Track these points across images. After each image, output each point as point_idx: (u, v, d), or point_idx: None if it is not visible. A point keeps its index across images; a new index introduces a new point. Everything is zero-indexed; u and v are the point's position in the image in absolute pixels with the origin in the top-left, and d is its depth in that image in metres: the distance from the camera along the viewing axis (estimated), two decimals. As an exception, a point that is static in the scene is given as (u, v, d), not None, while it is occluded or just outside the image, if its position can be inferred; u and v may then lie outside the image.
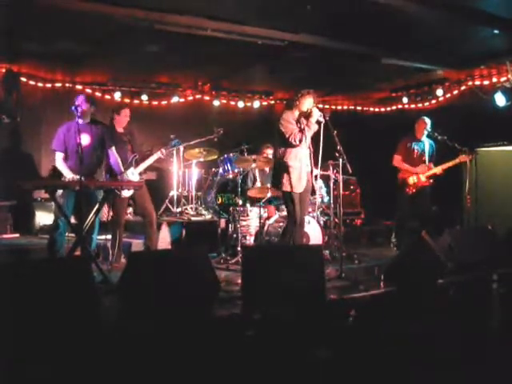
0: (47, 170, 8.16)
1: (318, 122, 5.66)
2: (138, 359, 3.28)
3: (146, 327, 3.63)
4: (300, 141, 5.62)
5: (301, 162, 5.70)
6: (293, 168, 5.67)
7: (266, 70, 8.67)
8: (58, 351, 3.23)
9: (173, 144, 6.79)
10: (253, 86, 10.12)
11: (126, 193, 6.18)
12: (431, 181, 7.53)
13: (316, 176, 6.33)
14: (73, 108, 5.46)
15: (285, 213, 6.89)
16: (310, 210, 7.08)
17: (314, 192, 6.21)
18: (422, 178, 7.50)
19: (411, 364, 3.36)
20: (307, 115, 5.69)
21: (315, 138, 5.77)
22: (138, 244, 6.85)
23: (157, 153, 6.55)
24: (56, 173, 5.86)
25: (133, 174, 6.26)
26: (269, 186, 6.77)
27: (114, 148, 5.94)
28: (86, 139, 5.61)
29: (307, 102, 5.74)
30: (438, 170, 7.50)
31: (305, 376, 3.20)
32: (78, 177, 5.30)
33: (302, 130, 5.65)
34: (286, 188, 5.67)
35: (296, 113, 5.78)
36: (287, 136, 5.62)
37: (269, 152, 7.75)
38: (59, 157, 5.68)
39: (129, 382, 3.11)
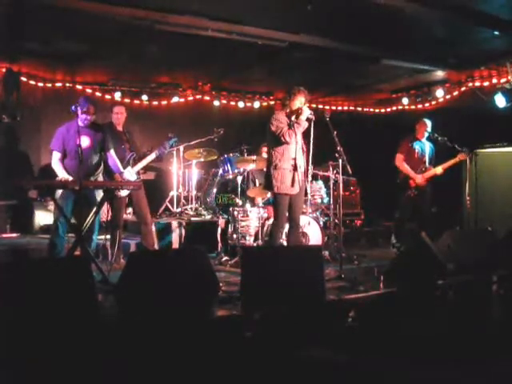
0: (47, 170, 8.19)
1: (308, 120, 5.65)
2: (137, 359, 3.28)
3: (145, 327, 3.62)
4: (290, 138, 5.60)
5: (293, 164, 5.66)
6: (284, 170, 5.65)
7: (267, 70, 8.67)
8: (58, 351, 3.22)
9: (170, 143, 6.77)
10: (253, 87, 10.12)
11: (123, 192, 6.17)
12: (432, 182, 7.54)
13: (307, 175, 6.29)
14: (82, 113, 5.47)
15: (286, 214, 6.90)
16: (310, 210, 7.09)
17: (305, 193, 6.17)
18: (422, 180, 7.50)
19: (411, 364, 3.36)
20: (297, 113, 5.68)
21: (307, 138, 5.75)
22: (137, 244, 6.85)
23: (154, 152, 6.52)
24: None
25: (130, 174, 6.24)
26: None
27: (112, 150, 5.93)
28: (85, 141, 5.59)
29: (298, 101, 5.72)
30: (438, 170, 7.50)
31: (304, 377, 3.20)
32: (70, 177, 5.31)
33: (291, 128, 5.62)
34: (276, 190, 5.65)
35: (287, 111, 5.76)
36: (277, 134, 5.61)
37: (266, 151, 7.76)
38: (56, 157, 5.66)
39: (128, 382, 3.11)
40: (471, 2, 5.89)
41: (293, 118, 5.68)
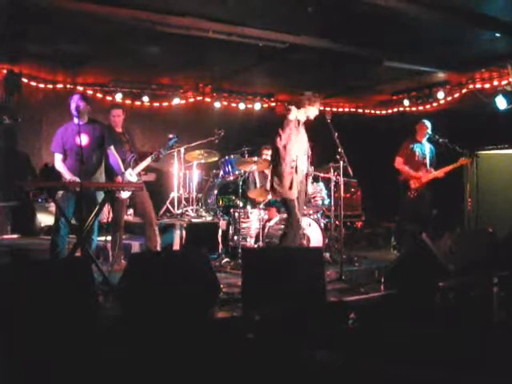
0: (48, 171, 8.21)
1: (299, 123, 5.69)
2: (137, 360, 3.28)
3: (145, 329, 3.63)
4: (277, 142, 5.60)
5: (292, 166, 5.65)
6: (285, 173, 5.64)
7: (267, 72, 8.68)
8: (58, 351, 3.22)
9: (170, 144, 6.77)
10: (254, 88, 10.13)
11: (125, 194, 6.17)
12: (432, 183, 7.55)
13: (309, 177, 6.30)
14: (74, 110, 5.47)
15: (285, 215, 6.90)
16: (312, 212, 7.09)
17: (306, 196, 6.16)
18: (423, 181, 7.50)
19: (411, 365, 3.36)
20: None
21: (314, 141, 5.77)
22: (137, 245, 6.85)
23: (155, 153, 6.52)
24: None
25: (131, 175, 6.24)
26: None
27: (113, 148, 5.92)
28: (84, 139, 5.58)
29: (313, 108, 5.73)
30: (439, 173, 7.50)
31: (305, 377, 3.20)
32: (77, 178, 5.31)
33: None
34: (284, 194, 5.64)
35: (300, 115, 5.75)
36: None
37: (267, 153, 7.78)
38: (58, 158, 5.67)
39: (128, 383, 3.11)
40: (472, 4, 5.89)
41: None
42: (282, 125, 5.65)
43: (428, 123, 7.62)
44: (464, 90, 9.02)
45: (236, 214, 7.10)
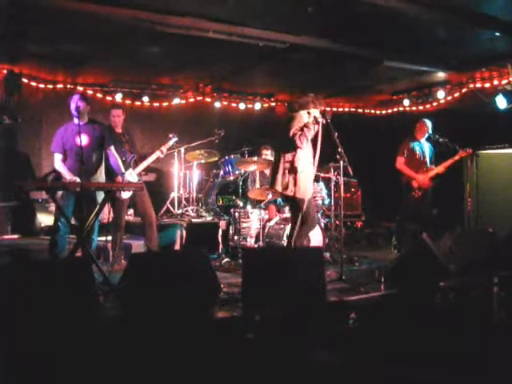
0: (47, 172, 8.20)
1: (317, 122, 5.63)
2: (137, 360, 3.28)
3: (146, 329, 3.63)
4: (302, 143, 5.56)
5: (307, 166, 5.64)
6: (301, 173, 5.62)
7: (268, 72, 8.68)
8: (58, 351, 3.22)
9: (170, 144, 6.78)
10: (254, 88, 10.13)
11: (126, 194, 6.17)
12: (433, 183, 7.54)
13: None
14: (74, 110, 5.47)
15: (285, 215, 6.90)
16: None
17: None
18: (425, 180, 7.49)
19: (412, 365, 3.35)
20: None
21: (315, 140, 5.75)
22: (138, 245, 6.85)
23: (156, 152, 6.52)
24: (57, 175, 5.86)
25: (131, 175, 6.24)
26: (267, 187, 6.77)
27: (113, 148, 5.92)
28: (84, 140, 5.58)
29: (316, 111, 5.72)
30: (439, 168, 7.47)
31: (305, 377, 3.20)
32: (77, 178, 5.32)
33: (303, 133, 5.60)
34: (295, 193, 5.60)
35: (304, 116, 5.74)
36: (294, 138, 5.57)
37: (266, 153, 7.79)
38: (58, 158, 5.68)
39: (128, 383, 3.11)
40: (472, 3, 5.89)
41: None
42: (302, 130, 5.62)
43: (428, 122, 7.61)
44: (464, 90, 9.01)
45: (236, 214, 7.10)
